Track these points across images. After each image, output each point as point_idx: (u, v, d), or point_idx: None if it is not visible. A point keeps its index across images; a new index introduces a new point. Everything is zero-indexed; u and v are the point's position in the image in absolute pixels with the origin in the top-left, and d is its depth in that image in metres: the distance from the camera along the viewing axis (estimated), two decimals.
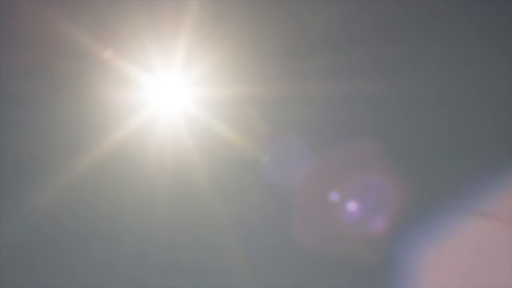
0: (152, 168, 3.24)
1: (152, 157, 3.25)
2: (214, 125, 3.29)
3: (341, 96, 3.31)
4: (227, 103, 3.30)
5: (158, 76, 3.27)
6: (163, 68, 3.25)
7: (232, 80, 3.30)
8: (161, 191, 3.25)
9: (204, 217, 3.28)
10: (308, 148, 3.34)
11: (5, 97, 3.21)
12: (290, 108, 3.32)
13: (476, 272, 3.16)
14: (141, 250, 3.25)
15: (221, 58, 3.27)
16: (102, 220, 3.23)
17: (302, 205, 3.35)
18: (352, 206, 3.35)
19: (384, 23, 3.37)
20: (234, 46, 3.28)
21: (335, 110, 3.31)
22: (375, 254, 3.26)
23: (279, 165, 3.35)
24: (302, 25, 3.36)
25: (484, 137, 3.32)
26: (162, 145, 3.27)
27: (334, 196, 3.35)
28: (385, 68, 3.35)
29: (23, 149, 3.24)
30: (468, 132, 3.33)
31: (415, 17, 3.37)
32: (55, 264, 3.27)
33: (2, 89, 3.21)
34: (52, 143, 3.23)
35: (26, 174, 3.23)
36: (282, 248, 3.30)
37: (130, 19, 3.20)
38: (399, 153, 3.33)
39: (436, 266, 3.20)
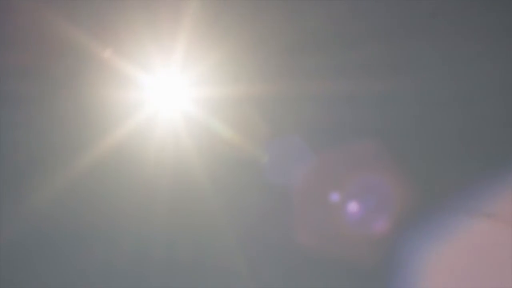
0: (151, 168, 3.24)
1: (151, 157, 3.25)
2: (214, 125, 3.29)
3: (342, 96, 3.30)
4: (226, 102, 3.30)
5: (157, 76, 3.27)
6: (162, 68, 3.25)
7: (231, 80, 3.29)
8: (161, 191, 3.25)
9: (203, 217, 3.28)
10: (308, 148, 3.33)
11: (4, 96, 3.22)
12: (291, 108, 3.32)
13: (478, 273, 3.15)
14: (140, 250, 3.25)
15: (221, 57, 3.27)
16: (101, 220, 3.24)
17: (303, 205, 3.34)
18: (353, 206, 3.34)
19: (386, 21, 3.36)
20: (233, 45, 3.27)
21: (336, 109, 3.31)
22: (376, 254, 3.25)
23: (279, 165, 3.34)
24: (303, 23, 3.35)
25: (486, 137, 3.31)
26: (161, 145, 3.27)
27: (335, 196, 3.34)
28: (386, 67, 3.34)
29: (22, 149, 3.24)
30: (470, 132, 3.32)
31: (417, 16, 3.36)
32: (54, 264, 3.27)
33: (0, 89, 3.22)
34: (51, 143, 3.24)
35: (24, 174, 3.24)
36: (282, 248, 3.30)
37: (129, 18, 3.20)
38: (400, 153, 3.31)
39: (438, 266, 3.19)
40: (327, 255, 3.25)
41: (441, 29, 3.34)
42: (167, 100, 3.33)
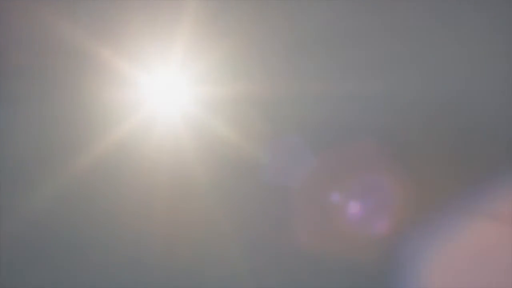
0: (150, 168, 3.24)
1: (150, 157, 3.25)
2: (214, 125, 3.28)
3: (343, 95, 3.30)
4: (227, 102, 3.30)
5: (157, 75, 3.27)
6: (162, 67, 3.26)
7: (231, 79, 3.29)
8: (160, 190, 3.25)
9: (203, 217, 3.28)
10: (309, 149, 3.32)
11: (2, 96, 3.22)
12: (291, 108, 3.31)
13: (479, 273, 3.14)
14: (139, 250, 3.25)
15: (221, 57, 3.27)
16: (100, 219, 3.24)
17: (303, 206, 3.34)
18: (354, 207, 3.33)
19: (387, 21, 3.35)
20: (234, 44, 3.27)
21: (336, 109, 3.30)
22: (377, 255, 3.24)
23: (279, 165, 3.33)
24: (303, 23, 3.35)
25: (487, 137, 3.30)
26: (161, 145, 3.27)
27: (335, 197, 3.33)
28: (387, 67, 3.34)
29: (21, 149, 3.25)
30: (470, 132, 3.31)
31: (418, 15, 3.36)
32: (54, 263, 3.27)
33: (0, 89, 3.23)
34: (50, 143, 3.24)
35: (23, 173, 3.24)
36: (282, 248, 3.29)
37: (129, 18, 3.21)
38: (402, 153, 3.31)
39: (438, 267, 3.18)
40: (328, 256, 3.24)
41: (442, 28, 3.34)
42: (167, 100, 3.33)
